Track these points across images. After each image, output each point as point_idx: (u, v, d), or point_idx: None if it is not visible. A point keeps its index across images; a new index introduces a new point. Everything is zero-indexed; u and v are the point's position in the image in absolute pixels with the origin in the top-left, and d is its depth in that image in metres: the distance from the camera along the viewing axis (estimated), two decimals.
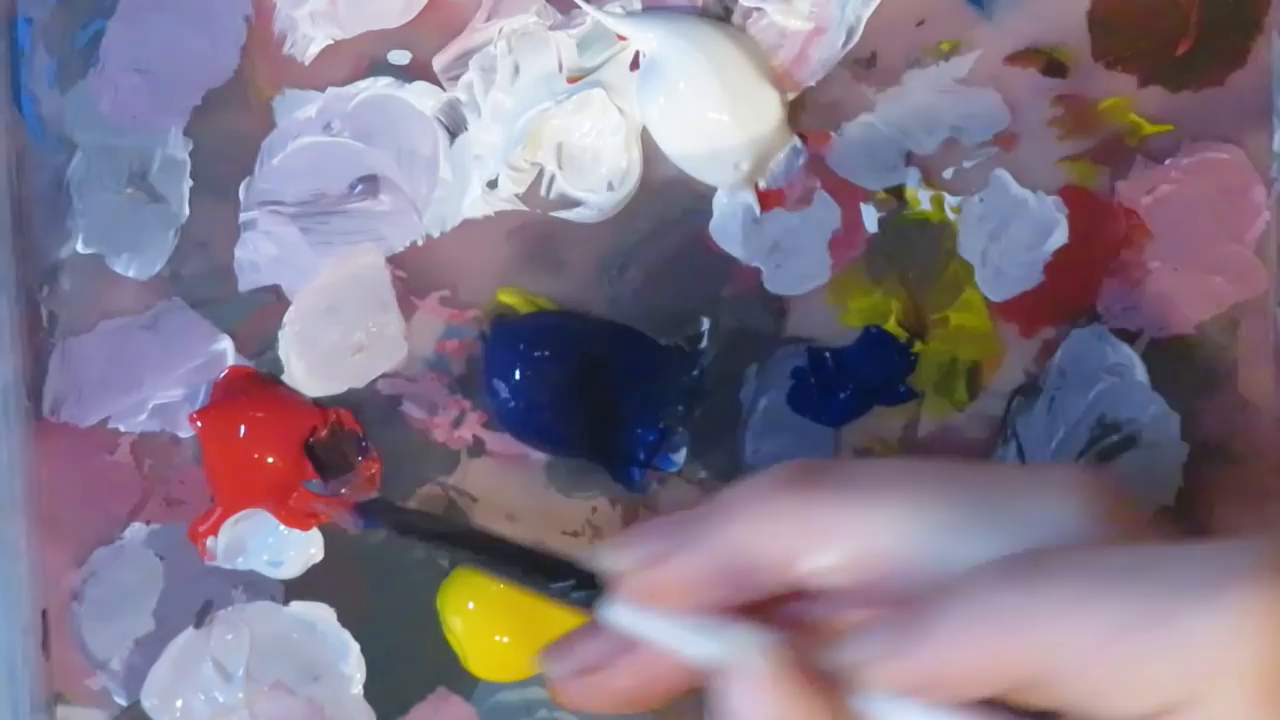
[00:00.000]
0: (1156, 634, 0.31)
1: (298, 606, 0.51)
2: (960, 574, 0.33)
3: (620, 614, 0.38)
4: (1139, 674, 0.31)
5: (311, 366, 0.51)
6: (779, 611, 0.37)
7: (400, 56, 0.50)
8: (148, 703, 0.51)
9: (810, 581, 0.36)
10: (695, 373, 0.51)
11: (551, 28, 0.50)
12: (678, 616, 0.37)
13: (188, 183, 0.51)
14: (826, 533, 0.36)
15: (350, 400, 0.51)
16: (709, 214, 0.50)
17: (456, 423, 0.51)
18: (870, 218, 0.50)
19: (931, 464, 0.37)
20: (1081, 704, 0.32)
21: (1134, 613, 0.31)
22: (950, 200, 0.50)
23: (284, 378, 0.51)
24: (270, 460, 0.50)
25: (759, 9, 0.49)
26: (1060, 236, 0.50)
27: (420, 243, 0.51)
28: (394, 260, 0.51)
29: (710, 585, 0.37)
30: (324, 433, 0.51)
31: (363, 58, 0.50)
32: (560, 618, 0.51)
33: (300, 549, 0.51)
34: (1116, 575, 0.32)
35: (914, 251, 0.50)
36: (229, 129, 0.51)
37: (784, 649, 0.35)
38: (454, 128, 0.50)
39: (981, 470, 0.36)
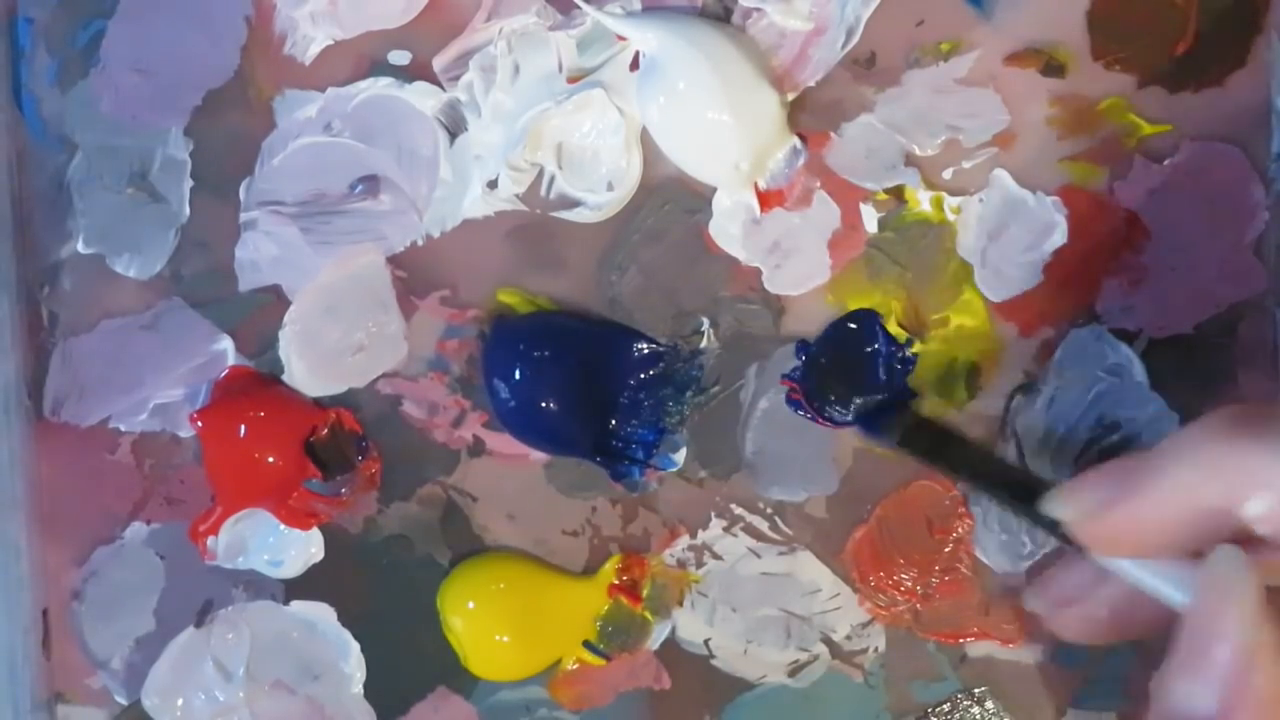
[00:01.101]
0: None
1: (298, 606, 0.52)
2: None
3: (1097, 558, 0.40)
4: None
5: (311, 366, 0.51)
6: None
7: (400, 56, 0.50)
8: (148, 702, 0.51)
9: (1265, 528, 0.37)
10: (695, 373, 0.51)
11: (551, 28, 0.50)
12: (1150, 560, 0.39)
13: (188, 183, 0.51)
14: (1254, 481, 0.36)
15: (350, 400, 0.51)
16: (709, 214, 0.50)
17: (456, 423, 0.51)
18: (870, 218, 0.50)
19: None
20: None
21: None
22: (950, 200, 0.50)
23: (284, 378, 0.51)
24: (270, 460, 0.50)
25: (759, 9, 0.49)
26: (1059, 236, 0.50)
27: (420, 243, 0.51)
28: (394, 260, 0.51)
29: (1160, 531, 0.38)
30: (324, 432, 0.51)
31: (363, 58, 0.51)
32: (560, 618, 0.51)
33: (300, 549, 0.51)
34: None
35: (914, 251, 0.50)
36: (229, 129, 0.51)
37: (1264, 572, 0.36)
38: (454, 128, 0.51)
39: None
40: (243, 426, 0.50)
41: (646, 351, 0.51)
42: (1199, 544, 0.37)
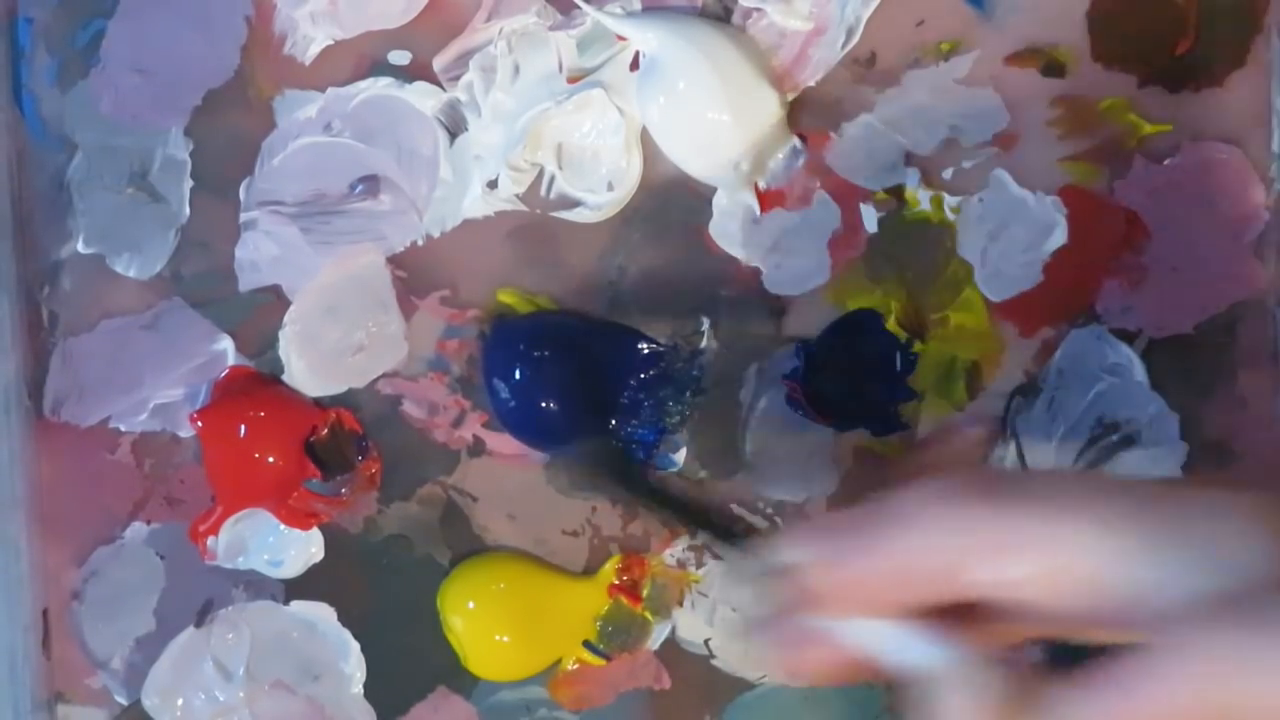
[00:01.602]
0: None
1: (298, 606, 0.52)
2: (1158, 618, 0.33)
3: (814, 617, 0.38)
4: None
5: (311, 366, 0.51)
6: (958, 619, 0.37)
7: (400, 56, 0.50)
8: (148, 701, 0.52)
9: (989, 594, 0.35)
10: (695, 373, 0.51)
11: (551, 28, 0.50)
12: (877, 621, 0.37)
13: (188, 183, 0.51)
14: (1016, 545, 0.35)
15: (350, 400, 0.51)
16: (709, 214, 0.50)
17: (456, 423, 0.51)
18: (870, 218, 0.50)
19: (1119, 482, 0.36)
20: None
21: None
22: (950, 200, 0.50)
23: (284, 378, 0.51)
24: (271, 460, 0.50)
25: (759, 9, 0.49)
26: (1060, 236, 0.50)
27: (420, 243, 0.51)
28: (394, 260, 0.51)
29: (887, 591, 0.36)
30: (324, 432, 0.51)
31: (363, 58, 0.51)
32: (560, 618, 0.51)
33: (300, 549, 0.51)
34: None
35: (914, 251, 0.50)
36: (229, 129, 0.51)
37: (999, 673, 0.35)
38: (454, 128, 0.51)
39: (1170, 491, 0.35)
40: (243, 426, 0.50)
41: (646, 351, 0.51)
42: (917, 607, 0.36)
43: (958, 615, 0.36)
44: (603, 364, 0.50)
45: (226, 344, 0.51)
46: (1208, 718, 0.33)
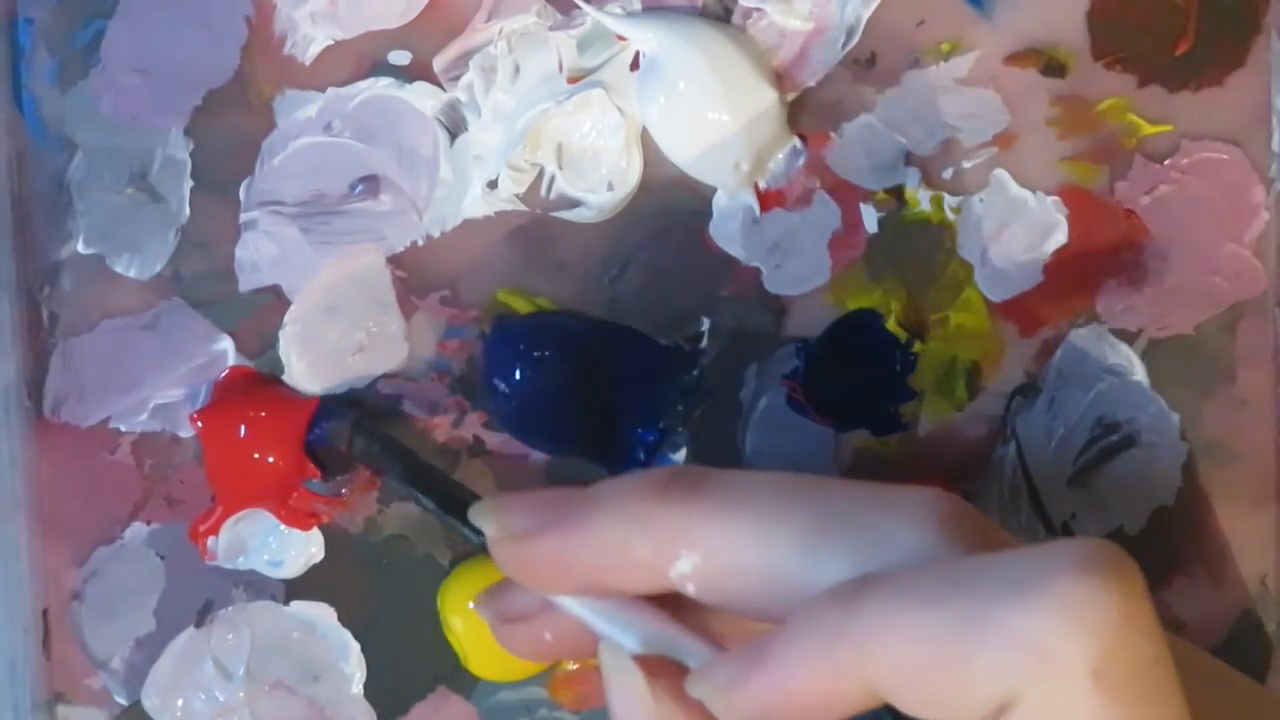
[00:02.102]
0: (975, 637, 0.31)
1: (298, 606, 0.52)
2: (801, 599, 0.34)
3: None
4: (966, 678, 0.32)
5: (311, 366, 0.51)
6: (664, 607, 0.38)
7: (400, 56, 0.50)
8: (148, 702, 0.51)
9: (673, 587, 0.36)
10: (695, 373, 0.51)
11: (551, 28, 0.50)
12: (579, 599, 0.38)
13: (188, 183, 0.51)
14: (681, 541, 0.36)
15: (350, 400, 0.51)
16: (709, 214, 0.50)
17: (456, 423, 0.51)
18: (870, 218, 0.50)
19: (796, 478, 0.37)
20: (922, 712, 0.33)
21: (952, 620, 0.32)
22: (950, 200, 0.50)
23: (284, 378, 0.51)
24: (271, 460, 0.50)
25: (759, 9, 0.49)
26: (1060, 236, 0.50)
27: (420, 243, 0.51)
28: (394, 260, 0.51)
29: (588, 573, 0.37)
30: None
31: (363, 58, 0.51)
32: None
33: (300, 549, 0.51)
34: (937, 588, 0.32)
35: (914, 251, 0.50)
36: (229, 129, 0.51)
37: (655, 665, 0.36)
38: (454, 128, 0.51)
39: (842, 487, 0.36)
40: (243, 426, 0.50)
41: (646, 351, 0.51)
42: (633, 591, 0.37)
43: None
44: (603, 364, 0.50)
45: (226, 344, 0.51)
46: (831, 692, 0.33)
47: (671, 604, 0.37)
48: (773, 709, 0.34)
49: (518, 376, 0.50)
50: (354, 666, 0.51)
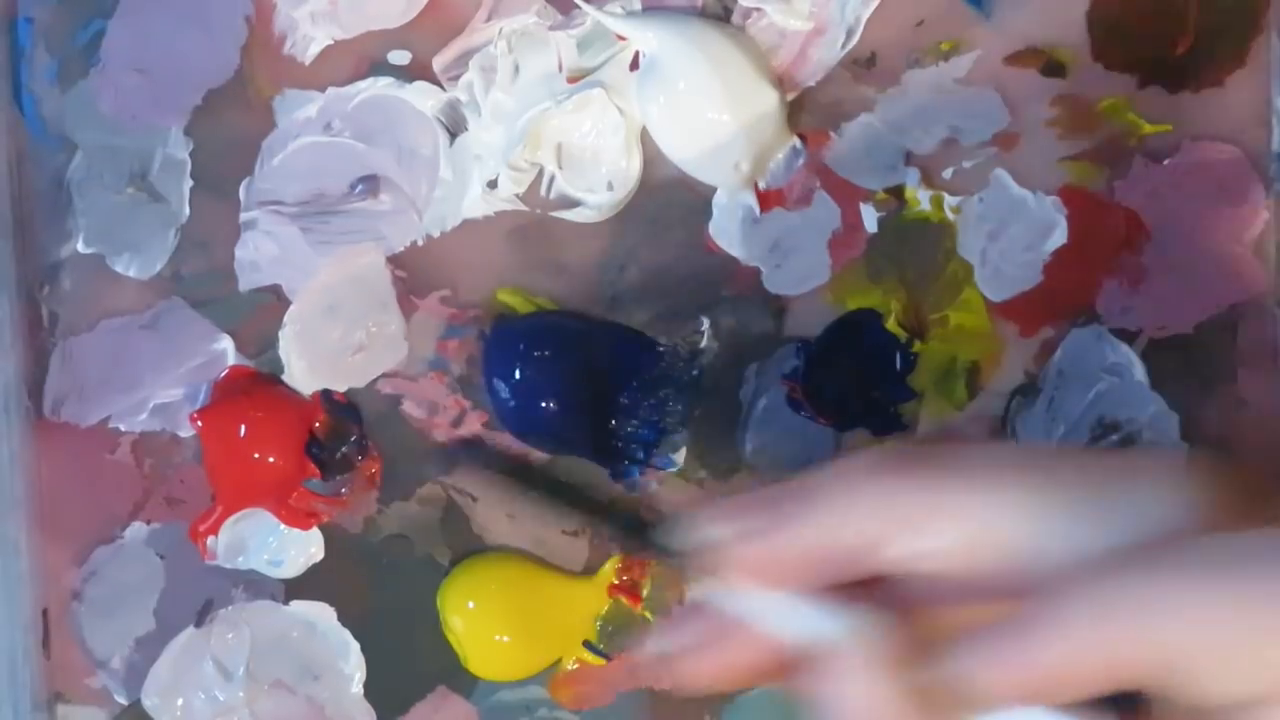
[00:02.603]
0: (1271, 616, 0.31)
1: (298, 606, 0.52)
2: (1068, 569, 0.33)
3: (721, 592, 0.37)
4: (1253, 657, 0.31)
5: (311, 366, 0.51)
6: (874, 596, 0.36)
7: (400, 56, 0.50)
8: (148, 701, 0.52)
9: (910, 567, 0.35)
10: (695, 373, 0.51)
11: (551, 28, 0.50)
12: (777, 595, 0.36)
13: (188, 182, 0.51)
14: (934, 516, 0.35)
15: (350, 400, 0.51)
16: (709, 214, 0.50)
17: (456, 423, 0.51)
18: (870, 218, 0.50)
19: (1041, 450, 0.36)
20: (1192, 688, 0.32)
21: (1247, 596, 0.32)
22: (950, 200, 0.50)
23: (284, 378, 0.51)
24: (271, 459, 0.50)
25: (759, 9, 0.49)
26: (1060, 236, 0.50)
27: (420, 243, 0.51)
28: (394, 260, 0.51)
29: (807, 565, 0.36)
30: (324, 420, 0.51)
31: (363, 58, 0.51)
32: (560, 618, 0.51)
33: (300, 548, 0.51)
34: (1228, 562, 0.32)
35: (914, 251, 0.50)
36: (229, 129, 0.51)
37: (897, 632, 0.35)
38: (454, 128, 0.51)
39: (1090, 457, 0.36)
40: (243, 426, 0.50)
41: (646, 352, 0.51)
42: (834, 581, 0.36)
43: (863, 591, 0.36)
44: (603, 364, 0.50)
45: (226, 344, 0.51)
46: (1109, 664, 0.32)
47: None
48: (1042, 686, 0.33)
49: (518, 376, 0.50)
50: (354, 666, 0.51)
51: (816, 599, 0.36)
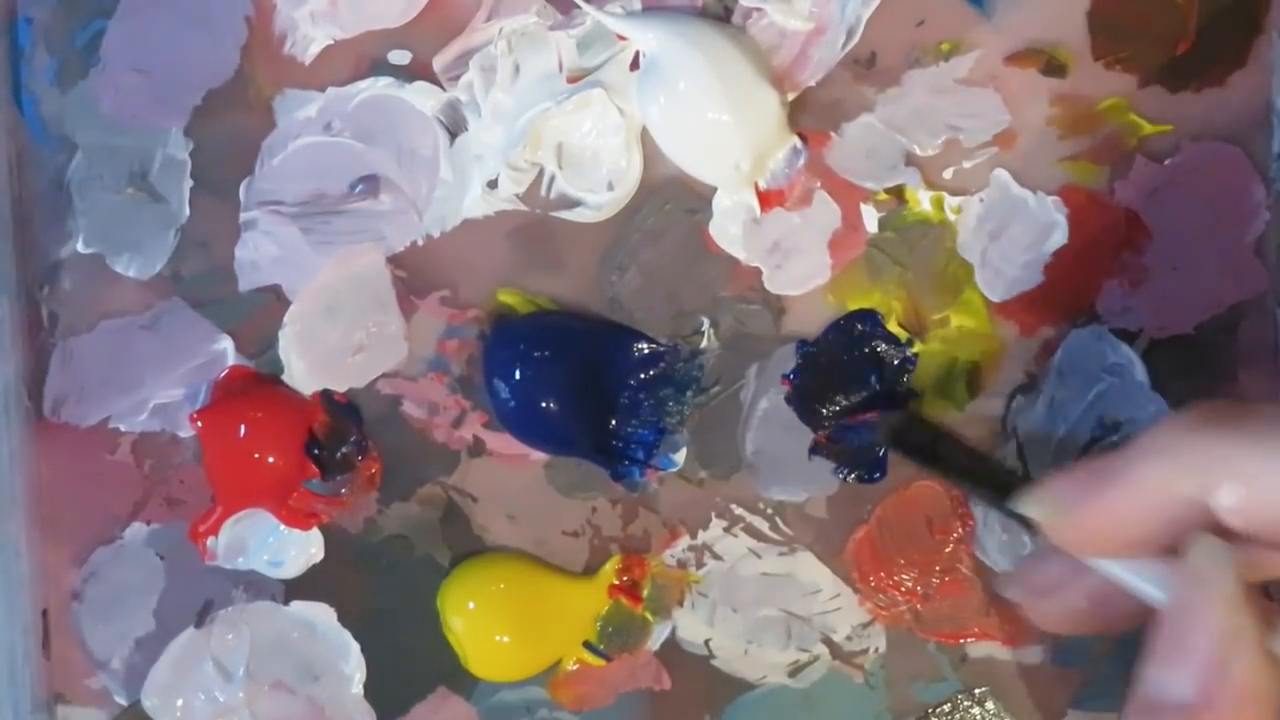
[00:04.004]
0: None
1: (298, 606, 0.52)
2: None
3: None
4: None
5: (311, 366, 0.51)
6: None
7: (400, 56, 0.50)
8: (148, 702, 0.51)
9: (1224, 520, 0.37)
10: (695, 373, 0.51)
11: (551, 28, 0.50)
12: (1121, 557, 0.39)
13: (188, 183, 0.51)
14: (1223, 473, 0.36)
15: (350, 400, 0.51)
16: (709, 214, 0.50)
17: (456, 423, 0.51)
18: (870, 218, 0.50)
19: None
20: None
21: None
22: (950, 200, 0.50)
23: (284, 378, 0.51)
24: (270, 460, 0.50)
25: (759, 9, 0.49)
26: (1060, 236, 0.50)
27: (420, 243, 0.51)
28: (394, 260, 0.51)
29: (1133, 527, 0.38)
30: (324, 420, 0.51)
31: (363, 58, 0.51)
32: (560, 618, 0.51)
33: (300, 549, 0.51)
34: None
35: (914, 251, 0.50)
36: (229, 129, 0.51)
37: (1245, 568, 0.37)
38: (454, 128, 0.51)
39: None
40: (243, 426, 0.50)
41: (646, 351, 0.51)
42: (1173, 539, 0.38)
43: None
44: (603, 364, 0.50)
45: (226, 344, 0.51)
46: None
47: None
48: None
49: (518, 376, 0.50)
50: (354, 666, 0.51)
51: (1159, 559, 0.38)
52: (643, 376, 0.51)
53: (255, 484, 0.50)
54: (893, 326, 0.50)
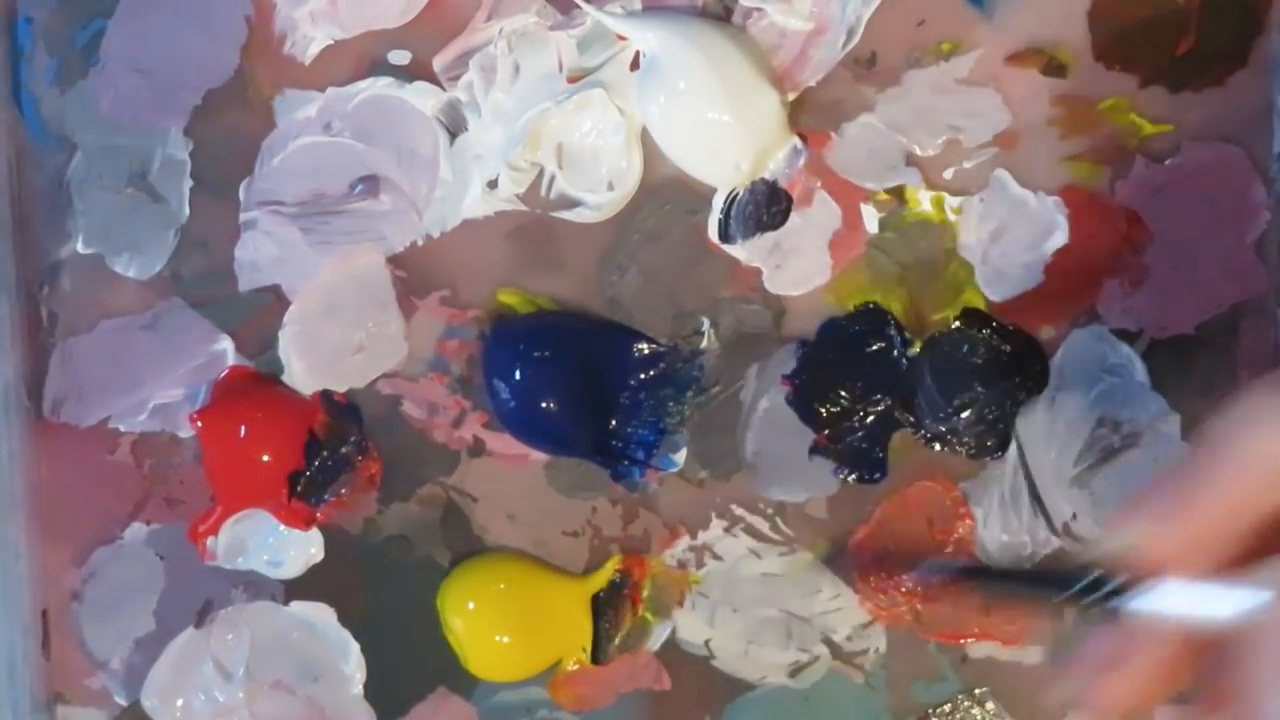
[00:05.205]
0: None
1: (298, 606, 0.52)
2: None
3: (1148, 598, 0.37)
4: None
5: (311, 366, 0.51)
6: None
7: (400, 56, 0.50)
8: (148, 702, 0.51)
9: None
10: (695, 373, 0.51)
11: (551, 28, 0.50)
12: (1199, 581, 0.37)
13: (188, 183, 0.51)
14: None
15: (350, 401, 0.51)
16: (709, 214, 0.50)
17: (456, 423, 0.51)
18: (870, 218, 0.50)
19: None
20: None
21: None
22: (950, 200, 0.50)
23: (284, 378, 0.51)
24: (271, 460, 0.50)
25: (759, 9, 0.49)
26: (1060, 237, 0.50)
27: (420, 243, 0.51)
28: (394, 260, 0.51)
29: (1221, 541, 0.36)
30: (324, 420, 0.51)
31: (363, 58, 0.51)
32: (560, 618, 0.51)
33: (300, 549, 0.51)
34: None
35: (914, 251, 0.50)
36: (229, 129, 0.51)
37: None
38: (454, 128, 0.50)
39: None
40: (243, 426, 0.50)
41: (646, 351, 0.51)
42: (1259, 549, 0.36)
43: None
44: (603, 364, 0.50)
45: (226, 344, 0.51)
46: None
47: None
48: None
49: (518, 376, 0.50)
50: (354, 666, 0.51)
51: (1233, 577, 0.36)
52: (643, 377, 0.51)
53: (255, 484, 0.50)
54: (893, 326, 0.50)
